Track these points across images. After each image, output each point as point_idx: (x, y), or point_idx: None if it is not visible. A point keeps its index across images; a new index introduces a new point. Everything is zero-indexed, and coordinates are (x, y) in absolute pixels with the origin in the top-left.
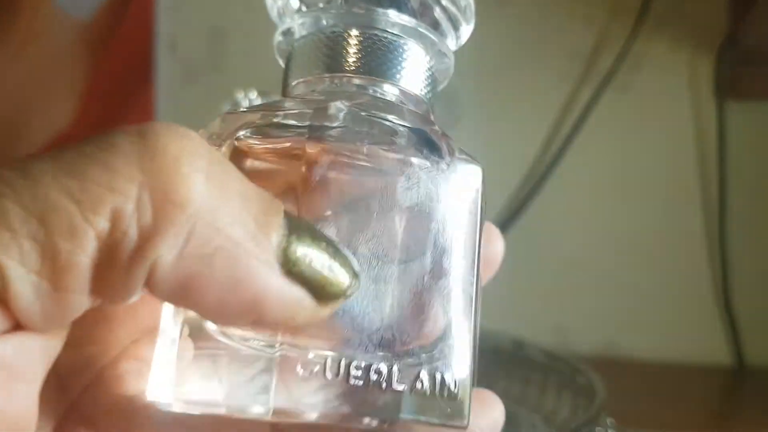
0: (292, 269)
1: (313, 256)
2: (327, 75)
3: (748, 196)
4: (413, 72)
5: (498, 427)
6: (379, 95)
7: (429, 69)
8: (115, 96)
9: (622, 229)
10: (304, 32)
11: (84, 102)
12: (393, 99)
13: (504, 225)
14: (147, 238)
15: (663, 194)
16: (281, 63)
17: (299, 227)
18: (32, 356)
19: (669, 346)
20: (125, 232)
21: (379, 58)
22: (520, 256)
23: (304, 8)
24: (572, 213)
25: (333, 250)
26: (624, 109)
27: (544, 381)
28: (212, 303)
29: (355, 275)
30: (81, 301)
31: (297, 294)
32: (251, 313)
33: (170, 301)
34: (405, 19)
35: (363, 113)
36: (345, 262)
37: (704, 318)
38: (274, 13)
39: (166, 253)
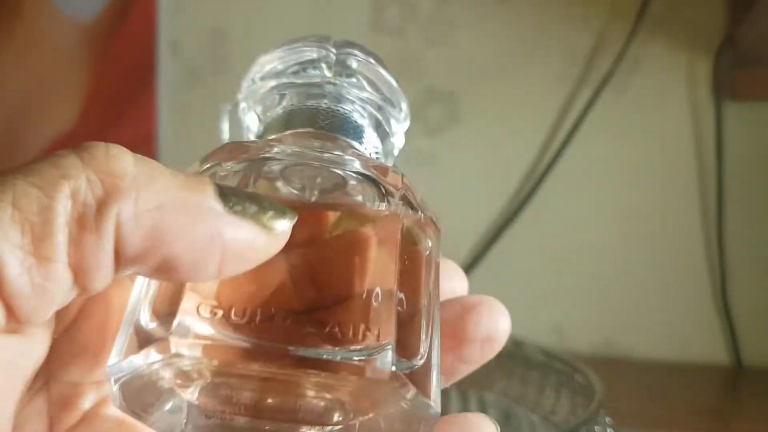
0: (233, 208)
1: (248, 200)
2: (291, 131)
3: (746, 197)
4: (366, 141)
5: (503, 335)
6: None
7: (376, 146)
8: (117, 97)
9: (621, 229)
10: (272, 105)
11: (86, 103)
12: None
13: (503, 225)
14: (103, 203)
15: (661, 194)
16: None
17: (225, 186)
18: (11, 359)
19: (667, 345)
20: (84, 203)
21: (336, 123)
22: (519, 255)
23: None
24: (571, 213)
25: (264, 198)
26: (622, 110)
27: (543, 380)
28: (179, 250)
29: (289, 211)
30: (63, 275)
31: (247, 225)
32: (215, 251)
33: (142, 264)
34: (360, 96)
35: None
36: (277, 204)
37: (702, 317)
38: (245, 89)
39: (124, 209)
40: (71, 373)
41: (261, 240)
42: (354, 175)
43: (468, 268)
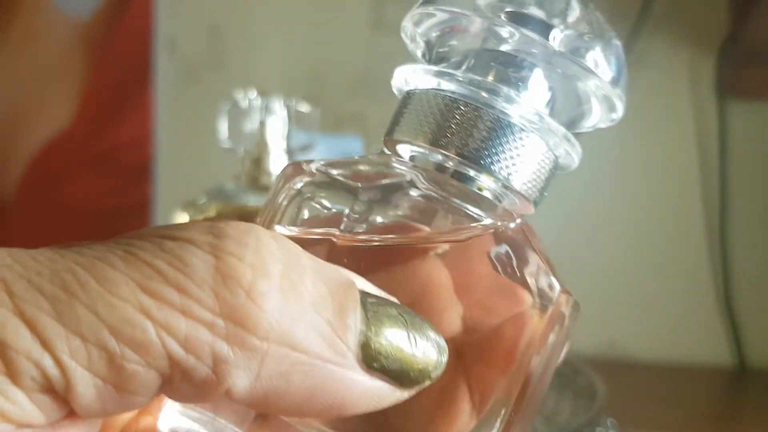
0: (373, 365)
1: (393, 344)
2: (427, 148)
3: (750, 196)
4: (525, 168)
5: None
6: (473, 189)
7: (548, 168)
8: (114, 95)
9: (623, 229)
10: (423, 82)
11: (83, 101)
12: (489, 195)
13: None
14: (220, 365)
15: (664, 194)
16: (397, 95)
17: (377, 315)
18: None
19: (670, 347)
20: (198, 357)
21: (488, 147)
22: None
23: (434, 54)
24: (573, 213)
25: (416, 328)
26: (625, 108)
27: None
28: (292, 411)
29: (440, 352)
30: (141, 401)
31: (380, 386)
32: (333, 413)
33: (242, 404)
34: (535, 109)
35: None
36: (429, 339)
37: (705, 319)
38: (412, 37)
39: (242, 378)
40: None
41: (390, 399)
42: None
43: None
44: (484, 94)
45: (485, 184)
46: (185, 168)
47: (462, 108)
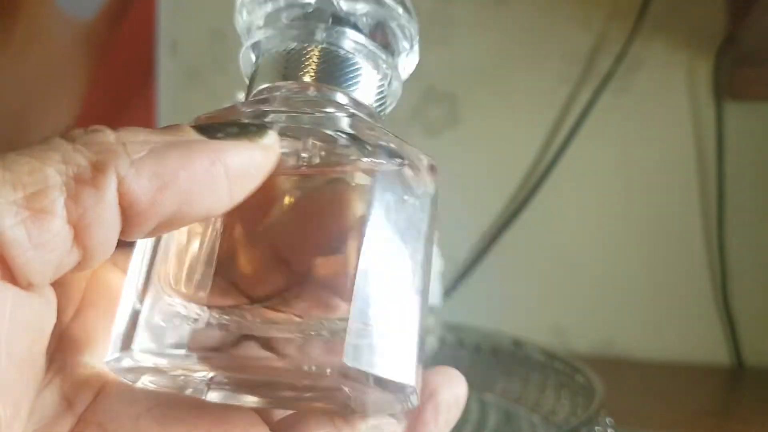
0: (217, 136)
1: (226, 126)
2: (283, 82)
3: (747, 197)
4: (364, 85)
5: (460, 402)
6: (329, 99)
7: (379, 86)
8: (117, 96)
9: (621, 229)
10: (268, 47)
11: (86, 102)
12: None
13: (504, 225)
14: (98, 162)
15: (662, 194)
16: (245, 76)
17: (205, 123)
18: (27, 319)
19: (668, 345)
20: (77, 165)
21: (331, 69)
22: (520, 255)
23: (268, 25)
24: (571, 213)
25: (240, 122)
26: (623, 109)
27: (544, 380)
28: (185, 186)
29: (267, 127)
30: (61, 229)
31: (237, 144)
32: (219, 177)
33: (156, 213)
34: (358, 37)
35: (304, 123)
36: (254, 123)
37: (703, 317)
38: (241, 29)
39: (120, 164)
40: (84, 357)
41: (257, 154)
42: (344, 135)
43: (468, 268)
44: (313, 35)
45: (333, 97)
46: None
47: (296, 50)
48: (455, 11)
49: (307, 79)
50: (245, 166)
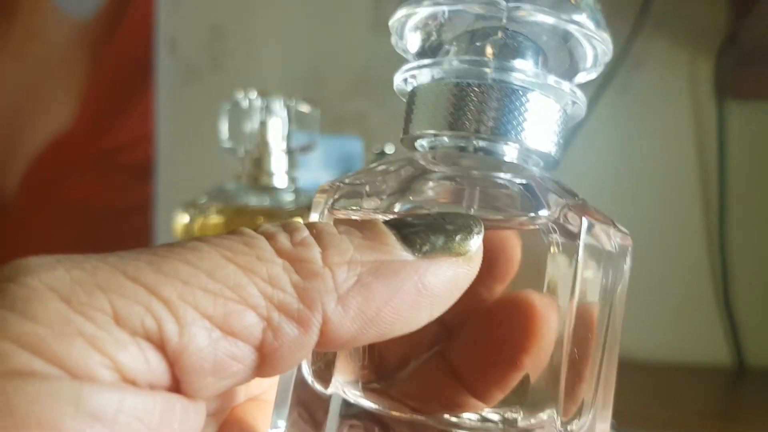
0: (422, 250)
1: (430, 232)
2: (448, 133)
3: (748, 196)
4: (540, 126)
5: None
6: (499, 158)
7: (559, 121)
8: (115, 95)
9: (622, 226)
10: (424, 78)
11: (84, 101)
12: (514, 160)
13: None
14: (305, 292)
15: (663, 193)
16: (399, 94)
17: (401, 222)
18: (175, 420)
19: (669, 346)
20: (283, 289)
21: (501, 116)
22: None
23: (426, 48)
24: None
25: (442, 219)
26: (625, 109)
27: None
28: (388, 317)
29: (473, 220)
30: (248, 358)
31: (443, 262)
32: (422, 301)
33: (348, 336)
34: (532, 69)
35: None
36: (456, 219)
37: (704, 318)
38: (398, 45)
39: (328, 301)
40: None
41: (461, 270)
42: (517, 190)
43: None
44: (480, 70)
45: (505, 151)
46: (186, 168)
47: (463, 88)
48: None
49: (473, 129)
50: (450, 284)
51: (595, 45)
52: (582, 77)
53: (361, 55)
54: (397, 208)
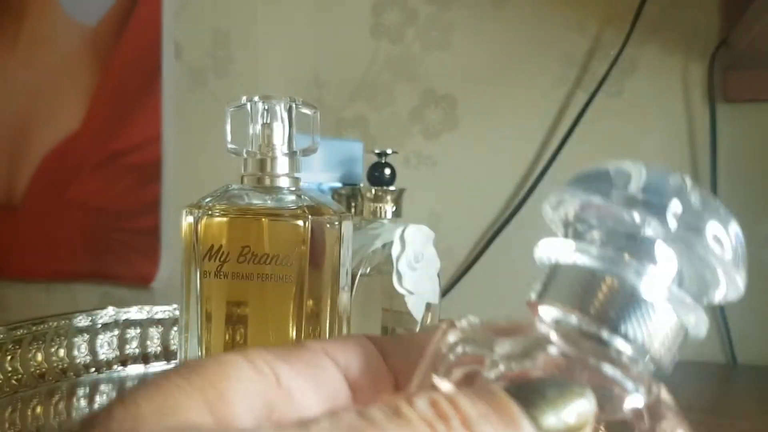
0: (544, 425)
1: (556, 411)
2: (575, 314)
3: (740, 198)
4: (658, 336)
5: None
6: (616, 351)
7: (679, 336)
8: (122, 99)
9: None
10: (567, 254)
11: (92, 104)
12: (624, 359)
13: (501, 225)
14: None
15: None
16: (538, 261)
17: (531, 401)
18: None
19: None
20: None
21: (624, 315)
22: (517, 255)
23: (573, 229)
24: None
25: (561, 393)
26: (618, 112)
27: None
28: None
29: (586, 397)
30: None
31: None
32: None
33: None
34: (668, 283)
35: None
36: (576, 394)
37: None
38: (547, 218)
39: None
40: None
41: None
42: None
43: (466, 267)
44: (619, 268)
45: (621, 348)
46: (191, 169)
47: (599, 280)
48: (454, 17)
49: (600, 318)
50: None
51: (731, 281)
52: (711, 299)
53: (362, 59)
54: (515, 367)
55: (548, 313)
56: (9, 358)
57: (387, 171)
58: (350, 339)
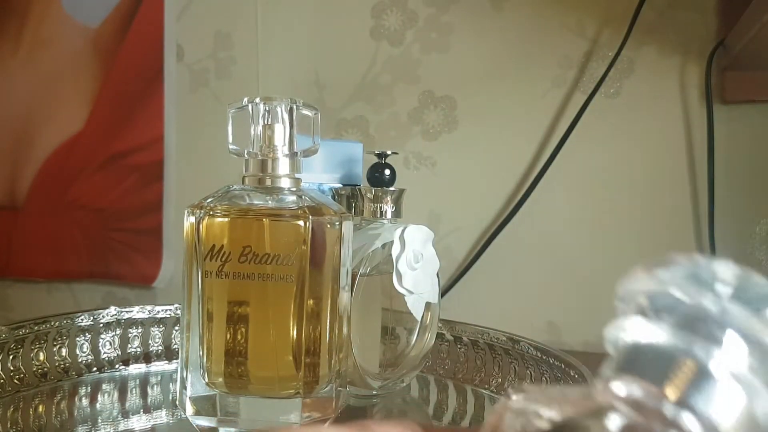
0: None
1: None
2: (649, 389)
3: (738, 199)
4: (731, 415)
5: None
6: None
7: (747, 419)
8: (124, 101)
9: (614, 229)
10: (639, 333)
11: (95, 105)
12: None
13: (500, 225)
14: None
15: (654, 195)
16: (610, 348)
17: None
18: None
19: None
20: None
21: (698, 394)
22: (515, 255)
23: (650, 312)
24: (565, 214)
25: None
26: (616, 113)
27: (539, 376)
28: None
29: None
30: None
31: None
32: None
33: None
34: (742, 369)
35: None
36: None
37: None
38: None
39: None
40: None
41: None
42: None
43: (465, 267)
44: (695, 349)
45: (690, 425)
46: (194, 170)
47: (673, 359)
48: (452, 19)
49: (669, 394)
50: None
51: None
52: None
53: (362, 61)
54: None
55: (620, 388)
56: (11, 357)
57: (387, 171)
58: (400, 424)
